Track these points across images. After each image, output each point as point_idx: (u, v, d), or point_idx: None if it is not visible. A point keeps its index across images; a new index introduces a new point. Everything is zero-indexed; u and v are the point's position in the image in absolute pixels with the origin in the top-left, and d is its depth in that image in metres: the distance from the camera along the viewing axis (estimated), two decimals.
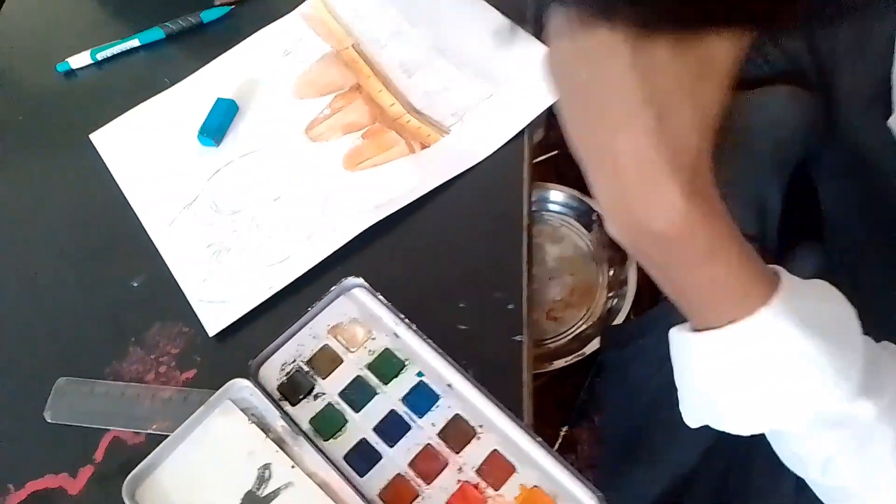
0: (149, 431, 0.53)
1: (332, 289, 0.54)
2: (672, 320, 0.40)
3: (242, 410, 0.51)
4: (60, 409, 0.54)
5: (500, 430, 0.49)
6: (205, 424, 0.51)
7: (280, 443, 0.50)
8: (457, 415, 0.50)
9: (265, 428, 0.50)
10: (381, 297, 0.53)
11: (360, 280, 0.54)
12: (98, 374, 0.55)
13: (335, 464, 0.49)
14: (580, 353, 0.84)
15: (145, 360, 0.56)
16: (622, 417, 0.65)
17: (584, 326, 0.86)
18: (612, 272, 0.88)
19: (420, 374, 0.52)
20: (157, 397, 0.53)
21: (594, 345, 0.83)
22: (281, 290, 0.57)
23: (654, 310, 0.72)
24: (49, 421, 0.54)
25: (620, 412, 0.66)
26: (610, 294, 0.87)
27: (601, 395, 0.69)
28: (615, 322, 0.84)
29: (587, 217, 0.90)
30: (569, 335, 0.85)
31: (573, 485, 0.47)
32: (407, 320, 0.52)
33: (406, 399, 0.51)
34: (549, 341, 0.84)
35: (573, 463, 0.48)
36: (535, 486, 0.48)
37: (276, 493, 0.49)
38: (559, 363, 0.83)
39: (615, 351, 0.80)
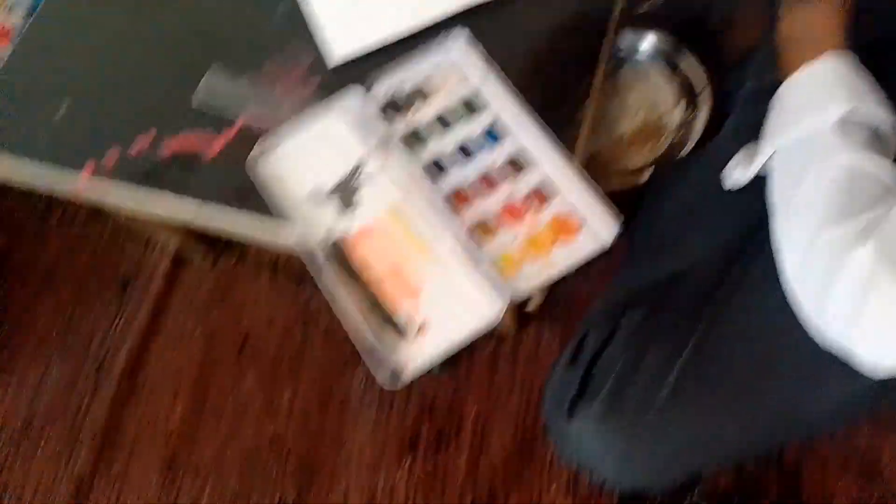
0: (272, 125, 0.65)
1: (441, 35, 0.64)
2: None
3: (351, 115, 0.63)
4: (208, 90, 0.67)
5: (549, 168, 0.60)
6: (321, 119, 0.63)
7: (376, 146, 0.62)
8: (518, 148, 0.61)
9: (367, 132, 0.63)
10: (481, 47, 0.63)
11: (467, 30, 0.63)
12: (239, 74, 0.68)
13: (415, 171, 0.61)
14: (636, 182, 0.93)
15: (280, 70, 0.68)
16: (650, 221, 0.74)
17: (645, 159, 0.95)
18: (685, 114, 0.96)
19: (496, 116, 0.62)
20: (284, 96, 0.66)
21: (647, 175, 0.92)
22: (401, 39, 0.66)
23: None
24: (195, 104, 0.67)
25: (650, 217, 0.75)
26: (676, 136, 0.95)
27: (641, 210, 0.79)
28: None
29: (673, 61, 0.97)
30: (630, 166, 0.94)
31: (600, 209, 0.58)
32: (498, 68, 0.62)
33: (480, 133, 0.62)
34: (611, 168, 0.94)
35: None
36: (569, 211, 0.59)
37: (363, 183, 0.62)
38: (613, 186, 0.92)
39: (661, 174, 0.89)
